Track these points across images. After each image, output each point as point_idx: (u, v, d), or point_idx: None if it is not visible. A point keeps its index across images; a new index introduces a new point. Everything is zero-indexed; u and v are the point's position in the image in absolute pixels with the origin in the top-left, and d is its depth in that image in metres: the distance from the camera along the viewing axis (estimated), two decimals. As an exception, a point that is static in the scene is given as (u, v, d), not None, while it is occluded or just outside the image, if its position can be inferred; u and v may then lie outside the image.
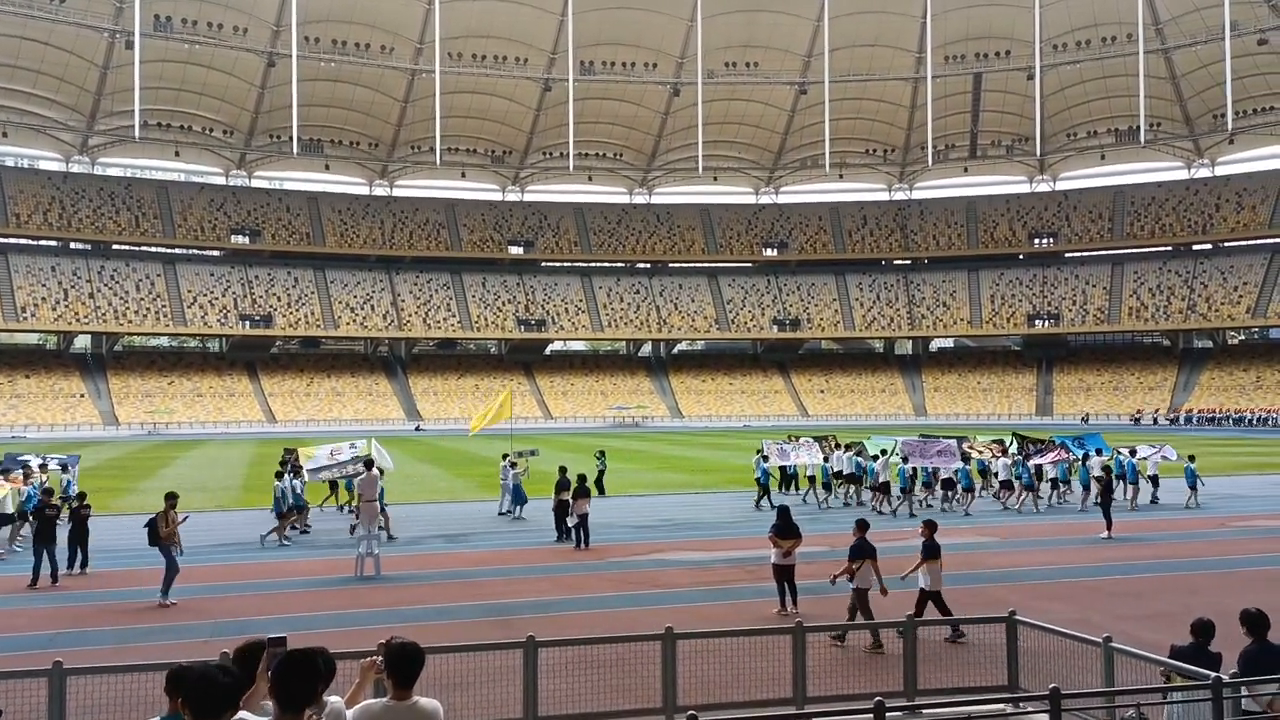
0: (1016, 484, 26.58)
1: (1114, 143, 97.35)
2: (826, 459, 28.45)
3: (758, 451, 28.70)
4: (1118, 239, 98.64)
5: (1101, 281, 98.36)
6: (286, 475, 22.34)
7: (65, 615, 14.43)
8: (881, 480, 26.13)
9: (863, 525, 13.23)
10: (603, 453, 32.42)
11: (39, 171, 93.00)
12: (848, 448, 28.97)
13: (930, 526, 13.06)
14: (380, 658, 4.83)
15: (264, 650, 4.49)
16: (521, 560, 19.05)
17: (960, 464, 26.35)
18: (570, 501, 20.99)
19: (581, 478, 21.44)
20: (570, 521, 20.89)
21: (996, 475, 27.54)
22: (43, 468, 24.85)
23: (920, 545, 12.80)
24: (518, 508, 25.09)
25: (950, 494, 26.43)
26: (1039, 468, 26.91)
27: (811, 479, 28.58)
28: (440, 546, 21.01)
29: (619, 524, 23.85)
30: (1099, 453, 27.56)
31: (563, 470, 22.25)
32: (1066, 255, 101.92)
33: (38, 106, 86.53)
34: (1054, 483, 27.62)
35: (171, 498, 16.30)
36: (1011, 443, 29.71)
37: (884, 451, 26.97)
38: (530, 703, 8.86)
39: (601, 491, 28.80)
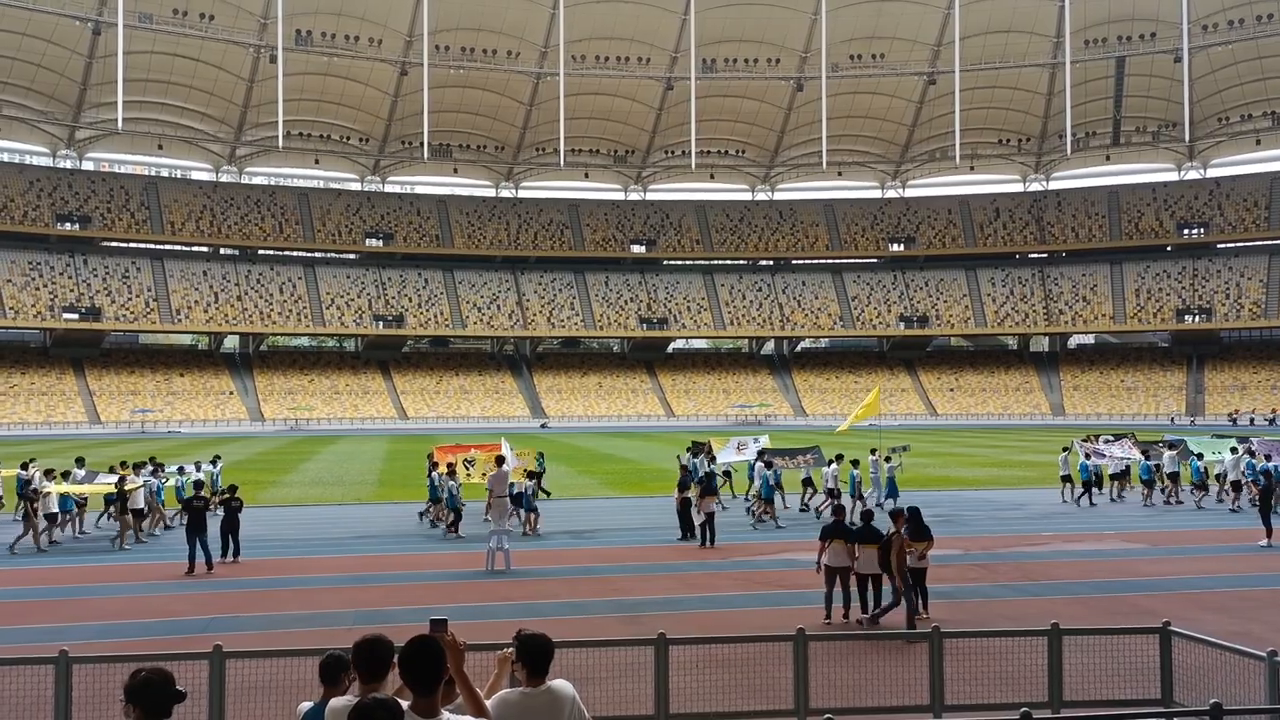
0: None
1: (1270, 127, 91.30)
2: (1145, 455, 28.23)
3: (1064, 449, 28.78)
4: (1275, 229, 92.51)
5: (1257, 274, 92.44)
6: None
7: (220, 601, 15.24)
8: (1231, 479, 25.76)
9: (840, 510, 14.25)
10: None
11: (191, 181, 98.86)
12: (1170, 446, 29.19)
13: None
14: (513, 649, 4.89)
15: (386, 646, 4.58)
16: (647, 558, 19.14)
17: None
18: (695, 499, 21.01)
19: (710, 475, 21.36)
20: (697, 519, 20.90)
21: None
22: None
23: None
24: (890, 500, 25.30)
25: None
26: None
27: (1114, 477, 28.23)
28: (567, 543, 21.31)
29: (744, 523, 23.68)
30: None
31: (685, 468, 22.25)
32: (1219, 246, 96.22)
33: (190, 120, 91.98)
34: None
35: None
36: None
37: (1233, 450, 26.33)
38: (662, 699, 8.88)
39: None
